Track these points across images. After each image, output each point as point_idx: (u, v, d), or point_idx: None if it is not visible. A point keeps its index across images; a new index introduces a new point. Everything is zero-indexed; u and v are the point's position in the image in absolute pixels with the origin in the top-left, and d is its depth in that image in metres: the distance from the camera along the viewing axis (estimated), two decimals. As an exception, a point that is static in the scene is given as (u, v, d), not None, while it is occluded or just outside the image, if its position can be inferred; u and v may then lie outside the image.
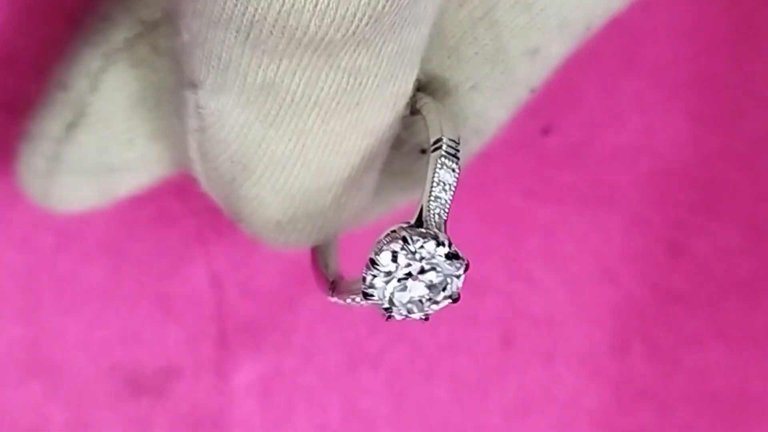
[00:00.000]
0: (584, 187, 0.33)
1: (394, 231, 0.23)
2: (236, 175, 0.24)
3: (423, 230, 0.22)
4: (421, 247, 0.22)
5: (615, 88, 0.33)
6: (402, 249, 0.22)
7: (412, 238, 0.22)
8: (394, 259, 0.22)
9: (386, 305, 0.22)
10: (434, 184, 0.23)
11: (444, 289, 0.23)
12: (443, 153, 0.23)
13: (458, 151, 0.23)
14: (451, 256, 0.22)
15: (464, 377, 0.32)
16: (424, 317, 0.23)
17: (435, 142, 0.23)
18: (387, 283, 0.22)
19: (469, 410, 0.32)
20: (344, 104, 0.23)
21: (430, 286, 0.22)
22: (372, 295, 0.22)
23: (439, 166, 0.23)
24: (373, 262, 0.22)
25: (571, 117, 0.33)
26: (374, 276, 0.22)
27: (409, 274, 0.22)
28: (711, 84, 0.33)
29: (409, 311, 0.23)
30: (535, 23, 0.25)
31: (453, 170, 0.23)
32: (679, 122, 0.33)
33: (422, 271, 0.22)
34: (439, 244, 0.22)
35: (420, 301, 0.23)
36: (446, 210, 0.23)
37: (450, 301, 0.23)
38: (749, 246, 0.33)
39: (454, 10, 0.25)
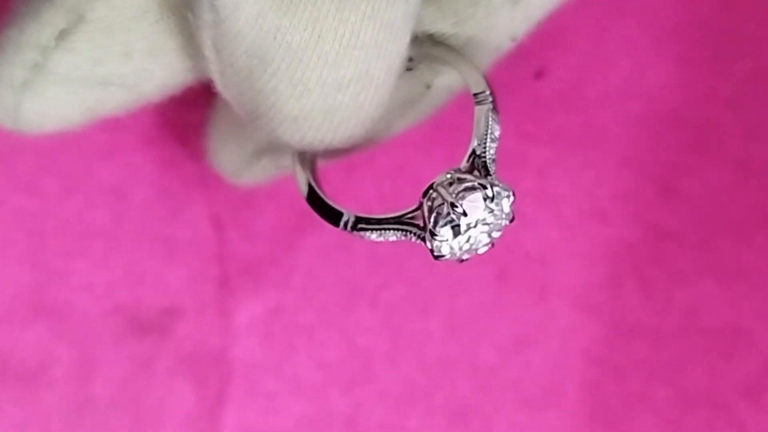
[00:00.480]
0: (576, 129, 0.33)
1: (463, 178, 0.24)
2: (252, 70, 0.24)
3: (502, 185, 0.24)
4: (498, 202, 0.24)
5: (605, 32, 0.34)
6: (485, 200, 0.23)
7: (494, 191, 0.24)
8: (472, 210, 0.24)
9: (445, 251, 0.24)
10: (491, 139, 0.24)
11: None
12: (492, 107, 0.25)
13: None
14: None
15: (459, 314, 0.33)
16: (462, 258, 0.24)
17: (478, 94, 0.25)
18: (453, 229, 0.24)
19: (464, 346, 0.33)
20: None
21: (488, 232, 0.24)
22: (441, 242, 0.24)
23: (492, 120, 0.24)
24: (453, 206, 0.23)
25: (562, 61, 0.34)
26: (453, 224, 0.23)
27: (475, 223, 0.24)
28: (700, 26, 0.34)
29: (460, 254, 0.24)
30: None
31: (498, 123, 0.25)
32: (668, 64, 0.33)
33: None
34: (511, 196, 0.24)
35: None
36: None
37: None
38: (740, 184, 0.33)
39: None
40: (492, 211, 0.24)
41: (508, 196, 0.24)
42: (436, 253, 0.24)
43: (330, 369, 0.32)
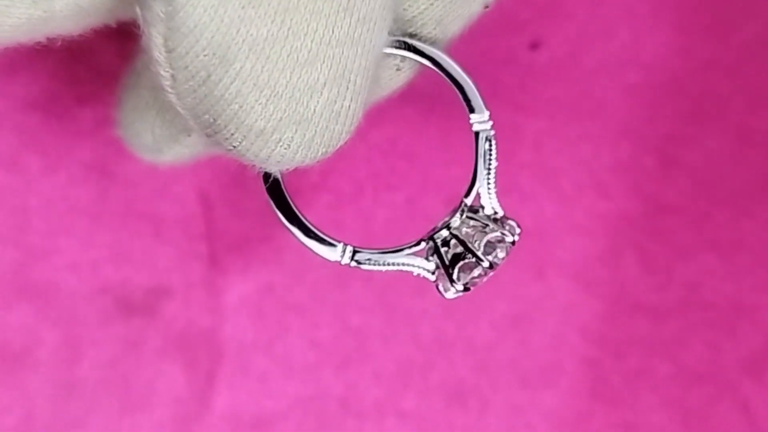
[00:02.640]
0: (573, 101, 0.33)
1: (482, 224, 0.24)
2: (212, 71, 0.21)
3: (512, 222, 0.25)
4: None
5: (602, 0, 0.33)
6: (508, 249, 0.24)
7: (515, 237, 0.24)
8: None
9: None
10: (494, 170, 0.25)
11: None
12: (492, 136, 0.25)
13: None
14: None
15: (456, 290, 0.32)
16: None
17: (477, 121, 0.25)
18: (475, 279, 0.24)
19: (460, 324, 0.32)
20: None
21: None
22: (458, 290, 0.24)
23: (495, 148, 0.25)
24: (479, 260, 0.24)
25: (558, 31, 0.33)
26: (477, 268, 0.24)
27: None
28: (699, -6, 0.33)
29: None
30: None
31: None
32: (667, 34, 0.33)
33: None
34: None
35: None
36: None
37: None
38: (740, 155, 0.33)
39: None
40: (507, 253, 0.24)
41: (519, 233, 0.24)
42: (446, 296, 0.24)
43: (323, 349, 0.32)
